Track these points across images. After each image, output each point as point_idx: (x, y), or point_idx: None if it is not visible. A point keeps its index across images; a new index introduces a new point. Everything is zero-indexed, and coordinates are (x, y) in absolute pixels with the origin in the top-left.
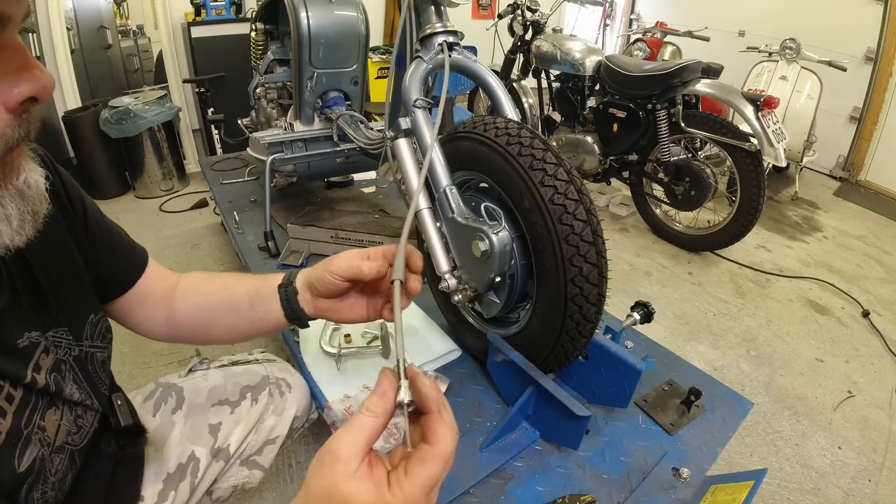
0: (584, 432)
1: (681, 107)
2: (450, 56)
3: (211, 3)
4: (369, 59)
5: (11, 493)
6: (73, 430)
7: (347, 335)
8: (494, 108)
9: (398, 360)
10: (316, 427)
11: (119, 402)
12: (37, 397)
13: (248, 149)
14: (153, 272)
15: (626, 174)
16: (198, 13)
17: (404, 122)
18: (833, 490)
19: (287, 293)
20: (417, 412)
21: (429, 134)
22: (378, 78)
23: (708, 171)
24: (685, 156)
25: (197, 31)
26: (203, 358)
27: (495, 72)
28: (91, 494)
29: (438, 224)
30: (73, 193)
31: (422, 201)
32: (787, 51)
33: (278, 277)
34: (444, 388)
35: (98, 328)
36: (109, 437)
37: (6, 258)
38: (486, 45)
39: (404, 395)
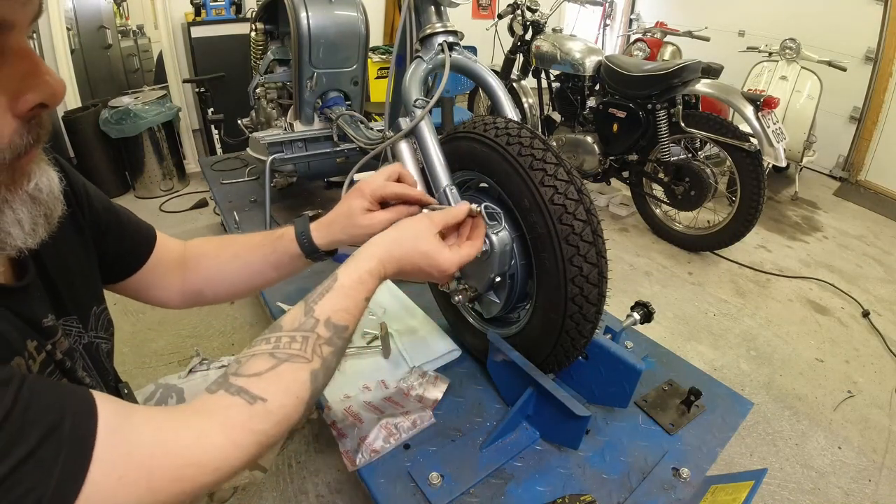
0: (584, 432)
1: (681, 107)
2: (450, 56)
3: (211, 3)
4: (369, 59)
5: None
6: None
7: None
8: (494, 108)
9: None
10: (316, 428)
11: (126, 392)
12: (56, 365)
13: (248, 149)
14: (163, 246)
15: (626, 174)
16: (198, 13)
17: (404, 123)
18: (833, 490)
19: (303, 235)
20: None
21: (429, 133)
22: (378, 78)
23: (708, 171)
24: (685, 156)
25: (197, 31)
26: (203, 358)
27: (495, 72)
28: None
29: None
30: (75, 182)
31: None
32: (787, 51)
33: (285, 230)
34: (444, 388)
35: (101, 320)
36: None
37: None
38: (486, 45)
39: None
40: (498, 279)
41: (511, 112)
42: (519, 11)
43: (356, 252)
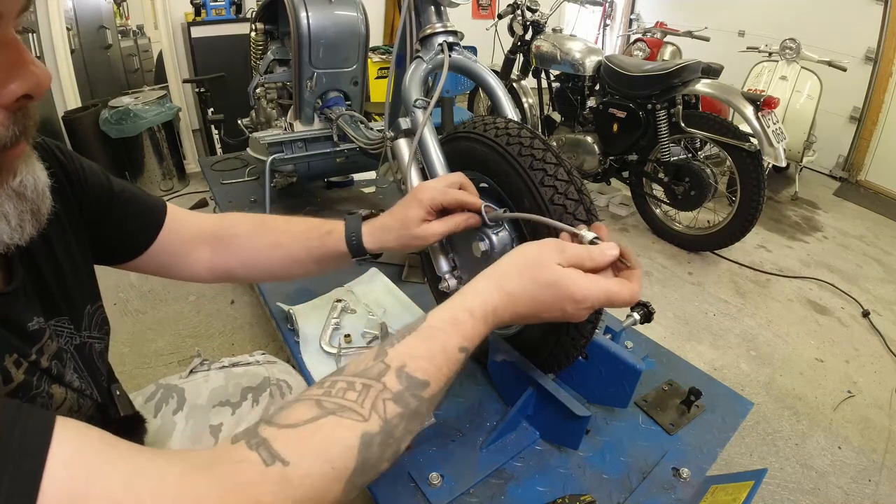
0: (584, 432)
1: (681, 107)
2: (450, 56)
3: (211, 3)
4: (369, 59)
5: None
6: (74, 407)
7: (347, 335)
8: (494, 108)
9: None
10: None
11: (118, 393)
12: (41, 373)
13: (248, 149)
14: (177, 221)
15: (626, 174)
16: (198, 13)
17: (404, 122)
18: (833, 490)
19: (353, 237)
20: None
21: (429, 134)
22: (378, 78)
23: (708, 171)
24: (685, 156)
25: (197, 31)
26: (204, 359)
27: (495, 72)
28: None
29: None
30: (71, 168)
31: None
32: (787, 51)
33: (334, 226)
34: None
35: (95, 319)
36: (109, 429)
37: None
38: (486, 45)
39: (587, 235)
40: None
41: (511, 112)
42: (519, 11)
43: (462, 288)
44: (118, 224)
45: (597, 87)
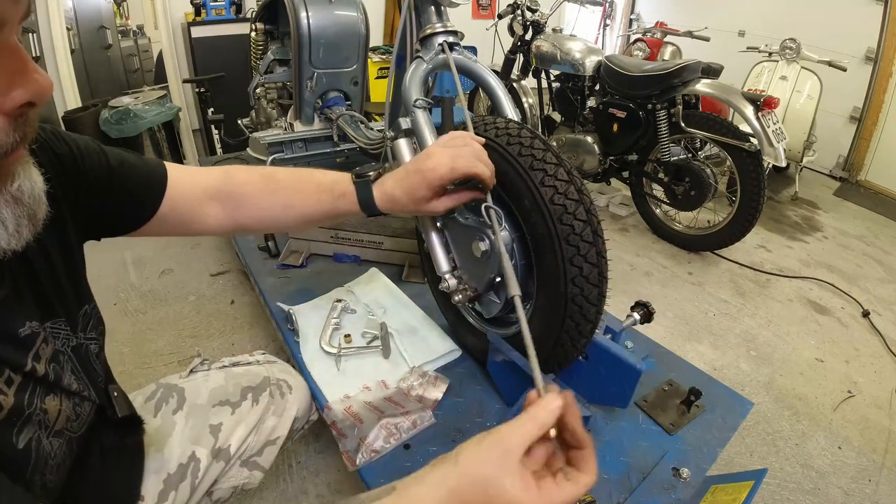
0: None
1: (681, 107)
2: (451, 56)
3: (211, 3)
4: (369, 59)
5: (17, 473)
6: (72, 416)
7: (347, 335)
8: (494, 108)
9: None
10: (316, 428)
11: (115, 394)
12: (35, 384)
13: (248, 149)
14: (180, 183)
15: (626, 174)
16: (198, 13)
17: (404, 122)
18: (833, 490)
19: (367, 201)
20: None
21: (429, 134)
22: (378, 78)
23: (708, 171)
24: (685, 156)
25: (197, 31)
26: (204, 359)
27: (495, 72)
28: (89, 488)
29: (439, 224)
30: (65, 152)
31: None
32: (787, 51)
33: (345, 188)
34: (444, 388)
35: (91, 320)
36: (107, 429)
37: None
38: (486, 45)
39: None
40: (498, 279)
41: (511, 112)
42: (519, 11)
43: (413, 481)
44: (120, 198)
45: (597, 87)
